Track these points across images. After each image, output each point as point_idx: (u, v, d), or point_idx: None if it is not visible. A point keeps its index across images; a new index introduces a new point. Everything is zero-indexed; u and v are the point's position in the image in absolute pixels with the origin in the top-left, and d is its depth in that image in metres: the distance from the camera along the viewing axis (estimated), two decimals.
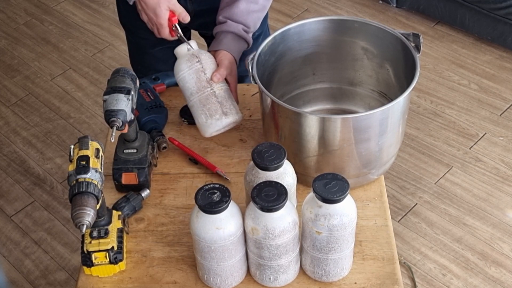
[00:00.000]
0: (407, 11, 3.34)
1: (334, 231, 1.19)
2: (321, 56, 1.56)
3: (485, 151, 2.66)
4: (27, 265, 2.40)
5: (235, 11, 1.59)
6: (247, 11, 1.59)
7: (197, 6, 1.71)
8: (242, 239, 1.23)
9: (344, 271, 1.29)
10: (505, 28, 2.99)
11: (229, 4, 1.60)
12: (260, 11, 1.63)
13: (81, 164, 1.21)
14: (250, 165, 1.29)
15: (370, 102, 1.59)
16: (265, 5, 1.64)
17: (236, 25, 1.59)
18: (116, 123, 1.34)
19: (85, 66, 3.19)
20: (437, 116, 2.80)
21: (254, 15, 1.61)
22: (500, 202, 2.48)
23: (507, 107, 2.83)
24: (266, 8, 1.65)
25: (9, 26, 3.46)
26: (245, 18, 1.59)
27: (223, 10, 1.61)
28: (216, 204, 1.16)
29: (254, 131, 1.60)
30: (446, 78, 2.98)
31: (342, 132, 1.33)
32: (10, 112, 2.98)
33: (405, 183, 2.55)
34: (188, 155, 1.54)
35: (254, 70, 1.38)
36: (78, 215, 1.16)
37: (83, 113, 2.95)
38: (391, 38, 1.45)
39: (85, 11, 3.51)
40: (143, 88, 1.63)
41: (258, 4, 1.61)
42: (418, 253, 2.33)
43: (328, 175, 1.18)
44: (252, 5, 1.60)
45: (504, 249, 2.33)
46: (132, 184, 1.44)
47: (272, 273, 1.26)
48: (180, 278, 1.32)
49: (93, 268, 1.30)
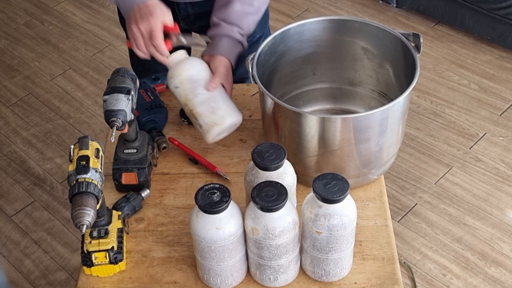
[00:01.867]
0: (407, 11, 3.34)
1: (334, 231, 1.19)
2: (321, 56, 1.56)
3: (485, 151, 2.66)
4: (27, 265, 2.40)
5: (229, 12, 1.56)
6: (242, 13, 1.57)
7: (197, 9, 1.71)
8: (242, 239, 1.23)
9: (344, 271, 1.29)
10: (505, 28, 2.99)
11: (223, 6, 1.58)
12: (255, 13, 1.61)
13: (81, 164, 1.21)
14: (250, 165, 1.29)
15: (370, 102, 1.59)
16: (260, 7, 1.61)
17: (231, 28, 1.56)
18: (116, 123, 1.34)
19: (85, 66, 3.19)
20: (437, 116, 2.80)
21: (249, 17, 1.59)
22: (500, 202, 2.48)
23: (507, 107, 2.83)
24: (262, 11, 1.62)
25: (9, 26, 3.46)
26: (239, 21, 1.57)
27: (217, 11, 1.59)
28: (216, 204, 1.16)
29: (254, 131, 1.60)
30: (446, 78, 2.98)
31: (342, 132, 1.33)
32: (10, 112, 2.98)
33: (405, 183, 2.55)
34: (188, 155, 1.54)
35: (254, 70, 1.38)
36: (78, 215, 1.16)
37: (83, 113, 2.95)
38: (391, 38, 1.45)
39: (85, 11, 3.51)
40: (143, 88, 1.63)
41: (253, 6, 1.59)
42: (418, 253, 2.33)
43: (328, 175, 1.18)
44: (247, 7, 1.58)
45: (504, 249, 2.33)
46: (132, 184, 1.44)
47: (272, 273, 1.26)
48: (180, 278, 1.32)
49: (93, 268, 1.30)
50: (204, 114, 1.46)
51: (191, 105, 1.46)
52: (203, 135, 1.48)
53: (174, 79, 1.47)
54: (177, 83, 1.47)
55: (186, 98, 1.47)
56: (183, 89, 1.47)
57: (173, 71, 1.48)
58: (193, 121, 1.49)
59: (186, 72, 1.47)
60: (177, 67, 1.48)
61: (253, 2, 1.58)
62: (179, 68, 1.48)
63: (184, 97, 1.47)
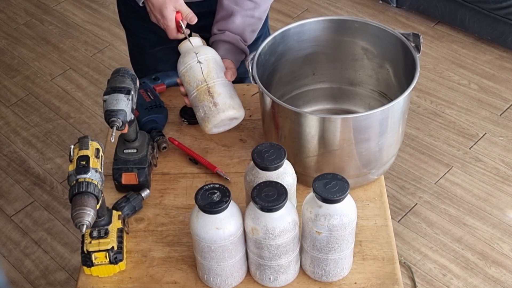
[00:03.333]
0: (407, 11, 3.34)
1: (334, 231, 1.19)
2: (321, 56, 1.56)
3: (485, 151, 2.66)
4: (27, 265, 2.40)
5: (231, 26, 1.57)
6: (243, 26, 1.58)
7: (196, 9, 1.71)
8: (242, 239, 1.23)
9: (344, 271, 1.29)
10: (505, 28, 2.99)
11: (224, 18, 1.58)
12: (256, 23, 1.61)
13: (81, 164, 1.21)
14: (250, 165, 1.29)
15: (370, 102, 1.59)
16: (261, 17, 1.62)
17: (235, 37, 1.58)
18: (116, 123, 1.34)
19: (85, 66, 3.19)
20: (437, 116, 2.80)
21: (250, 28, 1.60)
22: (500, 202, 2.48)
23: (507, 107, 2.83)
24: (262, 19, 1.63)
25: (9, 26, 3.46)
26: (241, 32, 1.58)
27: (218, 23, 1.59)
28: (216, 204, 1.16)
29: (254, 131, 1.60)
30: (446, 78, 2.98)
31: (342, 132, 1.33)
32: (10, 112, 2.98)
33: (405, 183, 2.55)
34: (188, 155, 1.54)
35: (254, 70, 1.38)
36: (78, 215, 1.16)
37: (83, 113, 2.95)
38: (391, 38, 1.45)
39: (85, 11, 3.51)
40: (143, 88, 1.63)
41: (254, 17, 1.59)
42: (418, 253, 2.33)
43: (328, 175, 1.18)
44: (248, 19, 1.58)
45: (504, 249, 2.33)
46: (132, 184, 1.44)
47: (272, 273, 1.26)
48: (180, 278, 1.32)
49: (93, 268, 1.30)
50: (223, 94, 1.45)
51: (212, 82, 1.45)
52: (201, 124, 1.47)
53: (200, 55, 1.47)
54: (202, 59, 1.47)
55: (208, 75, 1.46)
56: (207, 66, 1.46)
57: (200, 48, 1.49)
58: (200, 103, 1.46)
59: (212, 53, 1.49)
60: (204, 46, 1.50)
61: (254, 13, 1.59)
62: (206, 48, 1.50)
63: (205, 73, 1.46)
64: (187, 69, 1.48)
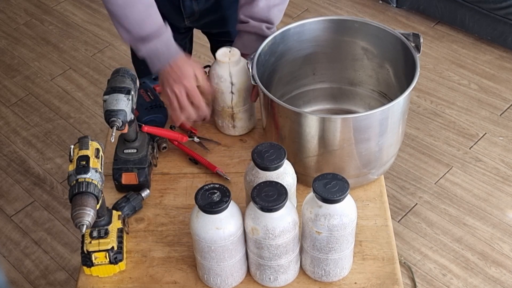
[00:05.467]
0: (407, 11, 3.34)
1: (334, 231, 1.19)
2: (321, 56, 1.56)
3: (485, 151, 2.66)
4: (27, 265, 2.40)
5: (255, 9, 1.56)
6: (268, 7, 1.56)
7: (202, 5, 1.71)
8: (242, 239, 1.23)
9: (344, 271, 1.29)
10: (505, 28, 2.99)
11: (248, 2, 1.57)
12: (281, 3, 1.59)
13: (81, 164, 1.21)
14: (250, 165, 1.29)
15: (370, 102, 1.59)
16: None
17: (259, 25, 1.56)
18: (116, 123, 1.34)
19: (85, 66, 3.19)
20: (437, 116, 2.80)
21: (275, 9, 1.57)
22: (500, 202, 2.48)
23: (507, 107, 2.83)
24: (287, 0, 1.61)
25: (9, 26, 3.46)
26: (266, 15, 1.56)
27: (243, 8, 1.58)
28: (216, 204, 1.16)
29: (254, 131, 1.60)
30: (446, 78, 2.98)
31: (342, 132, 1.33)
32: (10, 112, 2.98)
33: (405, 183, 2.55)
34: (188, 155, 1.54)
35: (254, 70, 1.38)
36: (78, 215, 1.16)
37: (83, 113, 2.95)
38: (391, 38, 1.45)
39: (85, 11, 3.51)
40: (143, 88, 1.63)
41: None
42: (418, 253, 2.33)
43: (328, 175, 1.18)
44: (272, 0, 1.56)
45: (504, 249, 2.33)
46: (132, 184, 1.44)
47: (272, 273, 1.26)
48: (180, 278, 1.32)
49: (93, 268, 1.30)
50: (244, 119, 1.56)
51: (237, 110, 1.53)
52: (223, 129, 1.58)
53: (235, 85, 1.49)
54: (235, 89, 1.50)
55: (236, 104, 1.52)
56: (237, 96, 1.51)
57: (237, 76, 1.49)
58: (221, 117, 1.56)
59: (246, 81, 1.49)
60: (240, 71, 1.48)
61: None
62: (242, 74, 1.49)
63: (234, 103, 1.52)
64: (219, 92, 1.51)
